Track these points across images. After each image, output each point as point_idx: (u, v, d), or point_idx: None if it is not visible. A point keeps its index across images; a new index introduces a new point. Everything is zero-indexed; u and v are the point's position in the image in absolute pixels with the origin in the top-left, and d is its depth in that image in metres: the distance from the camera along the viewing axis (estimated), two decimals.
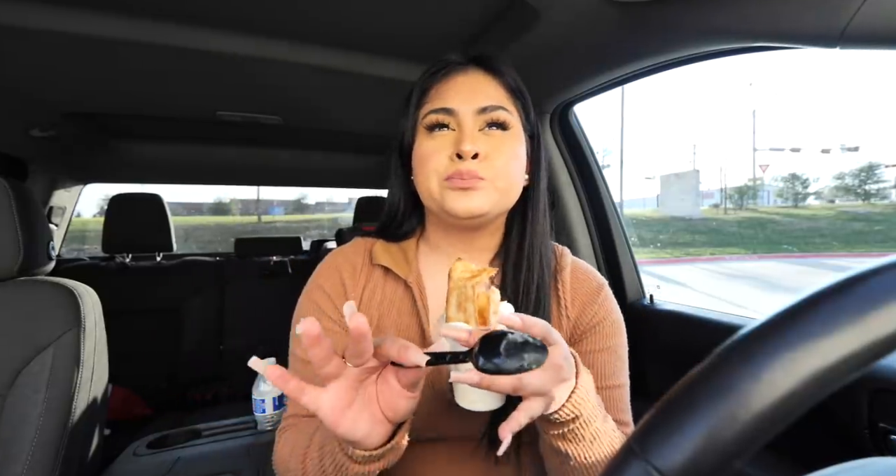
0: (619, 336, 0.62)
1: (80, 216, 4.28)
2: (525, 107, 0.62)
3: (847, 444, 0.71)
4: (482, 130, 0.57)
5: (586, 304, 0.62)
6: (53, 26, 0.83)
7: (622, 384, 0.61)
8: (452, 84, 0.59)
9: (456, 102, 0.57)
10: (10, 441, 0.78)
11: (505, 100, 0.59)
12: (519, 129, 0.60)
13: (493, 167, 0.56)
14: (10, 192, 0.84)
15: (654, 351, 1.09)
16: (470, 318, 0.43)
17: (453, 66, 0.61)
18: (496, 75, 0.60)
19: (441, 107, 0.57)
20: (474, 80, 0.59)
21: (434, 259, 0.65)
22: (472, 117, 0.57)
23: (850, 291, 0.20)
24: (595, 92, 1.07)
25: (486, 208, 0.56)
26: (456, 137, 0.57)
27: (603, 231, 1.24)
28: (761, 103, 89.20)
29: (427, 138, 0.58)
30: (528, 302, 0.58)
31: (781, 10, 0.55)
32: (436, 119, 0.58)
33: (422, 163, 0.58)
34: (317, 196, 24.21)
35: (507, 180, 0.57)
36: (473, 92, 0.58)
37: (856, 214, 19.89)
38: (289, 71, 1.07)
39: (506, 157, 0.57)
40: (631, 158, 78.75)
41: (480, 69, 0.61)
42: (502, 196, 0.57)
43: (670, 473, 0.19)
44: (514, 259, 0.61)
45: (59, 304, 0.86)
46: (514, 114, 0.59)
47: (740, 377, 0.19)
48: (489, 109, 0.57)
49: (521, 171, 0.60)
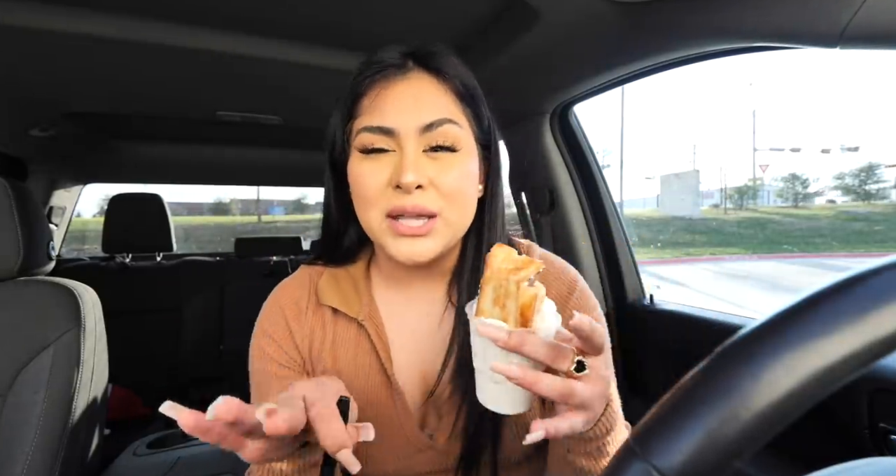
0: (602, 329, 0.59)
1: (80, 216, 4.28)
2: (478, 114, 0.54)
3: (847, 444, 0.71)
4: (426, 152, 0.49)
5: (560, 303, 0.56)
6: (53, 26, 0.83)
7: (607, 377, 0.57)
8: (391, 93, 0.50)
9: (394, 119, 0.48)
10: (10, 441, 0.78)
11: (453, 109, 0.51)
12: (470, 143, 0.52)
13: (442, 195, 0.49)
14: (10, 192, 0.84)
15: (653, 351, 1.09)
16: (509, 316, 0.38)
17: (391, 68, 0.51)
18: (442, 79, 0.51)
19: (377, 125, 0.49)
20: (417, 87, 0.50)
21: (390, 289, 0.59)
22: (415, 137, 0.48)
23: (850, 291, 0.20)
24: (595, 92, 1.07)
25: (437, 251, 0.50)
26: (396, 164, 0.48)
27: (603, 231, 1.24)
28: (761, 103, 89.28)
29: (362, 161, 0.50)
30: None
31: (781, 10, 0.55)
32: (371, 139, 0.49)
33: (357, 190, 0.50)
34: (317, 196, 24.13)
35: (459, 209, 0.50)
36: (416, 103, 0.49)
37: (856, 214, 19.90)
38: (289, 71, 1.07)
39: (455, 180, 0.49)
40: (631, 158, 78.79)
41: (423, 71, 0.51)
42: (455, 230, 0.51)
43: (670, 473, 0.19)
44: (469, 276, 0.55)
45: (59, 304, 0.86)
46: (465, 125, 0.51)
47: (740, 377, 0.20)
48: (435, 125, 0.48)
49: (474, 191, 0.53)
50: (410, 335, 0.58)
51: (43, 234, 0.91)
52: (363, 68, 0.53)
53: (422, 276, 0.58)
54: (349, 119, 0.53)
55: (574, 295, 0.58)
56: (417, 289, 0.58)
